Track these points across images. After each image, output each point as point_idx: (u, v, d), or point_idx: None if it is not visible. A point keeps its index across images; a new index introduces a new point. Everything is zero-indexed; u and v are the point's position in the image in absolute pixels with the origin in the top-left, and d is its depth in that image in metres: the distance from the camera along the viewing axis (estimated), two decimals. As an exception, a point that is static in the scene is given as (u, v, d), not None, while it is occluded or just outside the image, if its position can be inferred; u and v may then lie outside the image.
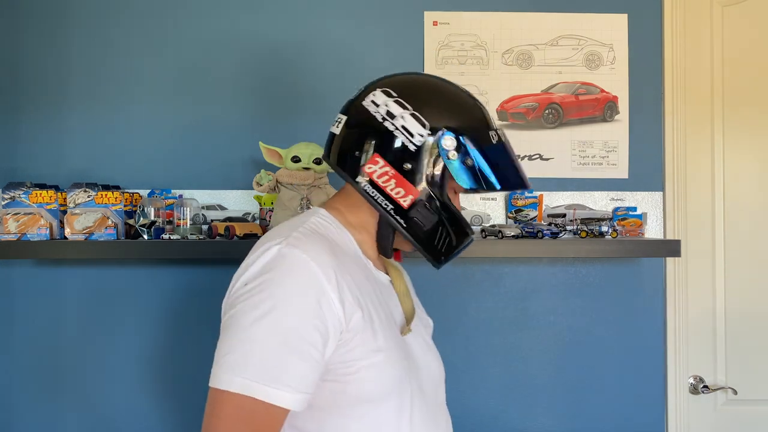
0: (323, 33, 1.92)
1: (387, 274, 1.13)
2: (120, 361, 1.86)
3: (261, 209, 1.77)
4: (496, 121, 1.11)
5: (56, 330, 1.87)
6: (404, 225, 1.04)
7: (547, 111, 1.95)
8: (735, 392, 1.95)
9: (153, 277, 1.87)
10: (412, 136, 1.02)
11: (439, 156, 1.03)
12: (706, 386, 1.95)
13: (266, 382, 0.89)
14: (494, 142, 1.06)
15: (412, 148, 1.02)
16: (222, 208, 1.86)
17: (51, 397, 1.87)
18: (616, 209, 1.91)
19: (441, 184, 1.04)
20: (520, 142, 1.94)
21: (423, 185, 1.03)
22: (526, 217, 1.88)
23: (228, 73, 1.91)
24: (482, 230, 1.84)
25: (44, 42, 1.89)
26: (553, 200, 1.94)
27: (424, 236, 1.05)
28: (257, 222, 1.81)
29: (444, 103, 1.09)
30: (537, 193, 1.90)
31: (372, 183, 1.03)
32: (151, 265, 1.88)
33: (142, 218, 1.68)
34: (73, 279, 1.88)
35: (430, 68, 1.93)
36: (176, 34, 1.91)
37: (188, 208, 1.71)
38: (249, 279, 0.95)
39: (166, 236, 1.68)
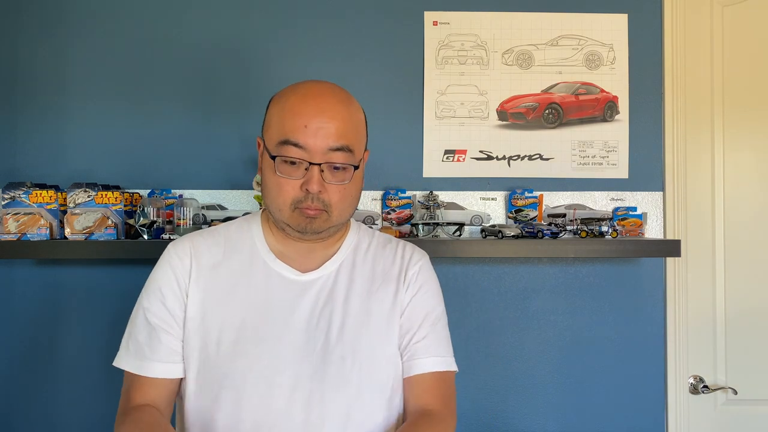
0: (323, 33, 1.92)
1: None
2: (120, 361, 1.86)
3: (261, 209, 1.76)
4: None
5: (56, 330, 1.87)
6: None
7: (547, 111, 1.95)
8: (735, 392, 1.95)
9: (153, 277, 1.87)
10: None
11: None
12: (706, 386, 1.95)
13: (133, 355, 1.12)
14: None
15: None
16: (222, 208, 1.86)
17: (51, 396, 1.87)
18: (616, 209, 1.91)
19: None
20: (520, 142, 1.94)
21: None
22: (526, 217, 1.88)
23: (229, 73, 1.91)
24: (482, 230, 1.84)
25: (44, 42, 1.89)
26: (553, 200, 1.94)
27: None
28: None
29: None
30: (537, 193, 1.90)
31: None
32: (151, 265, 1.87)
33: (142, 218, 1.68)
34: (73, 279, 1.88)
35: (430, 68, 1.93)
36: (176, 35, 1.91)
37: (188, 208, 1.71)
38: None
39: (166, 236, 1.68)
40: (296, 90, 1.09)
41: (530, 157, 1.95)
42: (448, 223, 1.81)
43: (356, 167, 1.08)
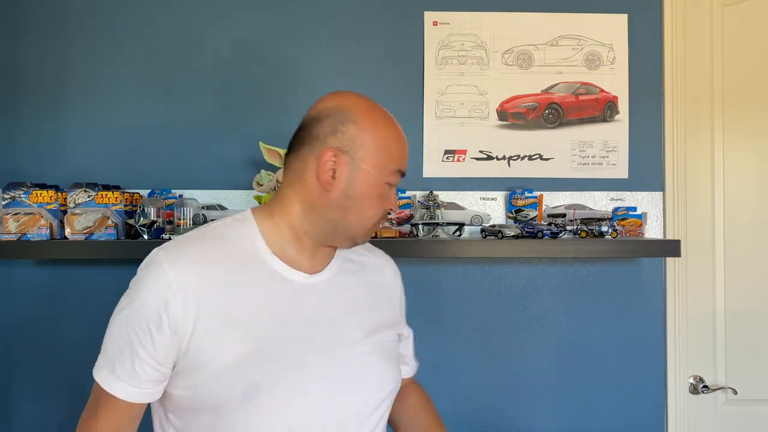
0: (323, 33, 1.92)
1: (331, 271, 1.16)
2: (120, 361, 1.86)
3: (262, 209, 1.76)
4: None
5: (56, 330, 1.87)
6: None
7: (547, 111, 1.95)
8: (735, 392, 1.95)
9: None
10: None
11: None
12: (706, 386, 1.95)
13: (109, 371, 1.04)
14: None
15: None
16: (222, 208, 1.86)
17: (51, 396, 1.87)
18: (616, 209, 1.91)
19: None
20: (520, 142, 1.94)
21: None
22: (526, 217, 1.88)
23: (228, 73, 1.91)
24: (482, 230, 1.84)
25: (44, 42, 1.89)
26: (553, 200, 1.94)
27: None
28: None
29: None
30: (537, 193, 1.90)
31: None
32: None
33: (142, 218, 1.68)
34: (73, 279, 1.88)
35: (430, 68, 1.93)
36: (177, 35, 1.91)
37: (188, 208, 1.71)
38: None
39: (166, 236, 1.68)
40: (386, 117, 1.13)
41: (530, 157, 1.95)
42: (448, 223, 1.81)
43: None
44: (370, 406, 1.10)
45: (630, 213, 1.90)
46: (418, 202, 1.87)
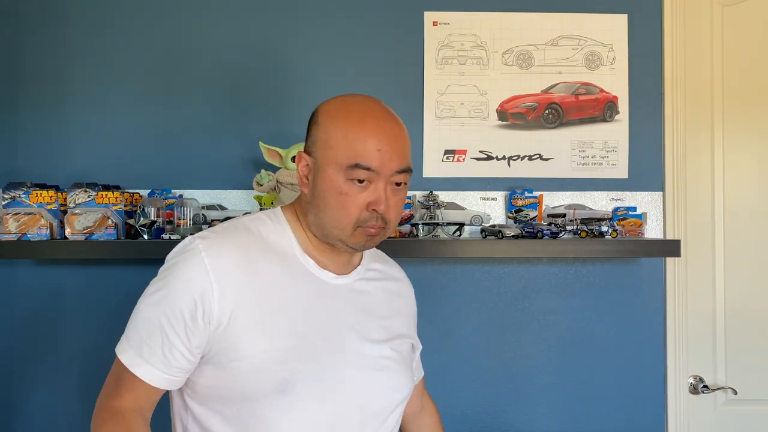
0: (323, 33, 1.92)
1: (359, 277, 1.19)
2: (120, 361, 1.86)
3: (261, 209, 1.76)
4: None
5: (56, 330, 1.87)
6: None
7: (547, 111, 1.95)
8: (735, 392, 1.95)
9: (153, 277, 1.87)
10: None
11: None
12: (706, 386, 1.95)
13: (135, 353, 1.02)
14: None
15: None
16: (222, 208, 1.86)
17: (51, 396, 1.87)
18: (616, 209, 1.91)
19: None
20: (520, 142, 1.94)
21: None
22: (526, 217, 1.88)
23: (228, 73, 1.91)
24: (482, 230, 1.84)
25: (44, 42, 1.89)
26: (553, 200, 1.94)
27: None
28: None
29: None
30: (537, 193, 1.90)
31: None
32: (151, 265, 1.87)
33: (142, 218, 1.68)
34: (73, 279, 1.88)
35: (430, 68, 1.93)
36: (177, 35, 1.91)
37: (188, 208, 1.71)
38: (166, 260, 1.09)
39: (166, 236, 1.68)
40: (357, 110, 1.07)
41: (530, 157, 1.95)
42: (448, 223, 1.81)
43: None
44: (387, 408, 1.13)
45: (630, 213, 1.90)
46: (418, 202, 1.87)
